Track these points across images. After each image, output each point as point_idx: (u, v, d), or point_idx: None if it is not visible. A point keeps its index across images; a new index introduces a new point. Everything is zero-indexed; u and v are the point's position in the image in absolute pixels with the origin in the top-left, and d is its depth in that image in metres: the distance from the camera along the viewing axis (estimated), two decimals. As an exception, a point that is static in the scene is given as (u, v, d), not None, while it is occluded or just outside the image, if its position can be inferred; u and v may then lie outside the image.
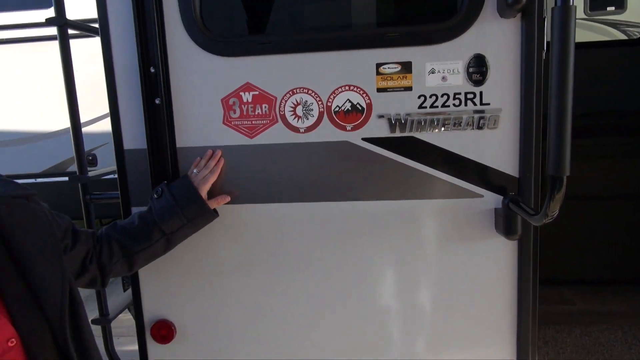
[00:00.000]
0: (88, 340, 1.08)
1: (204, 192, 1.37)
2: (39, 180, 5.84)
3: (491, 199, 1.40)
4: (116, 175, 1.50)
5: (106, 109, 1.41)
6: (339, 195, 1.43)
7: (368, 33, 1.36)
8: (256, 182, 1.45)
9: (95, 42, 1.47)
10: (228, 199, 1.43)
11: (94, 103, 3.20)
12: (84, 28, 1.62)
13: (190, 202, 1.35)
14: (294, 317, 1.53)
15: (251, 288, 1.53)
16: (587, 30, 3.48)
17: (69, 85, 1.55)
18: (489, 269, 1.45)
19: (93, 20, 1.45)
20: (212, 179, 1.40)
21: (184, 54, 1.40)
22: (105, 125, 5.11)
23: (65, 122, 5.56)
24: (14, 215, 1.03)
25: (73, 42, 1.63)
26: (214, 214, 1.40)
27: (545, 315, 1.96)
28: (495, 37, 1.31)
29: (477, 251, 1.43)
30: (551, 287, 2.20)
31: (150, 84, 1.40)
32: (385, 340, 1.53)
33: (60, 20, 1.51)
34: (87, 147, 1.77)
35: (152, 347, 1.58)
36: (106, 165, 6.26)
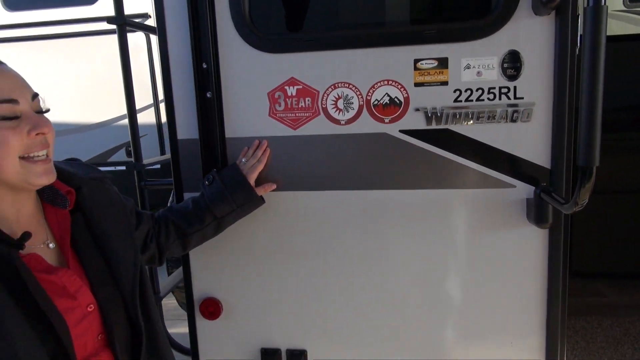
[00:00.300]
0: (153, 311, 1.20)
1: (252, 180, 1.48)
2: (83, 169, 6.12)
3: (523, 189, 1.46)
4: (158, 166, 1.62)
5: (143, 103, 1.53)
6: (376, 183, 1.52)
7: (406, 30, 1.44)
8: (299, 171, 1.55)
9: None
10: (274, 186, 1.54)
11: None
12: (140, 27, 1.75)
13: (240, 189, 1.46)
14: (330, 298, 1.63)
15: (291, 270, 1.63)
16: (626, 23, 3.43)
17: (126, 79, 1.68)
18: (520, 257, 1.51)
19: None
20: (260, 168, 1.51)
21: (234, 51, 1.51)
22: (144, 118, 5.31)
23: (108, 114, 5.81)
24: (93, 195, 1.15)
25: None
26: (261, 200, 1.51)
27: (576, 306, 2.00)
28: (529, 33, 1.36)
29: (509, 239, 1.50)
30: (582, 280, 2.24)
31: (202, 79, 1.51)
32: (418, 324, 1.61)
33: (119, 20, 1.63)
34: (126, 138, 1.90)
35: (201, 322, 1.71)
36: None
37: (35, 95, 0.99)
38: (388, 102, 1.46)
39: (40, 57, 5.86)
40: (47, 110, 1.03)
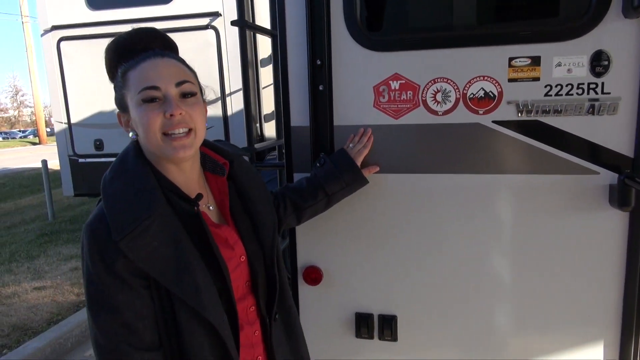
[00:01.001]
0: (282, 268, 1.43)
1: (358, 163, 1.70)
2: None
3: (606, 176, 1.61)
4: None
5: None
6: (469, 168, 1.70)
7: (503, 32, 1.61)
8: (399, 156, 1.75)
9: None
10: (377, 168, 1.75)
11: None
12: (259, 29, 2.00)
13: (348, 170, 1.68)
14: (419, 269, 1.83)
15: (386, 243, 1.84)
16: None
17: (244, 75, 1.93)
18: (602, 239, 1.66)
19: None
20: (365, 152, 1.72)
21: (345, 49, 1.72)
22: (211, 111, 5.65)
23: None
24: (242, 168, 1.39)
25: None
26: (366, 180, 1.72)
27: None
28: (618, 35, 1.51)
29: (591, 222, 1.65)
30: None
31: (316, 74, 1.74)
32: (500, 298, 1.79)
33: (241, 22, 1.88)
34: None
35: (303, 287, 1.95)
36: (113, 149, 6.93)
37: (181, 82, 1.16)
38: (483, 95, 1.64)
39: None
40: (193, 94, 1.19)
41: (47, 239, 6.96)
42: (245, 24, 1.89)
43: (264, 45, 6.04)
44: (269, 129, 5.99)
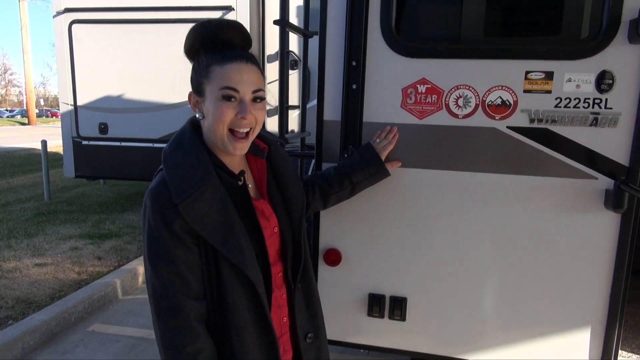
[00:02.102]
0: (305, 242, 1.59)
1: (382, 157, 1.89)
2: (156, 145, 6.69)
3: (603, 181, 1.82)
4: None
5: None
6: (484, 167, 1.90)
7: (522, 47, 1.81)
8: (420, 153, 1.95)
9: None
10: (399, 164, 1.94)
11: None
12: (298, 30, 2.17)
13: (373, 162, 1.87)
14: (429, 256, 2.02)
15: (401, 230, 2.03)
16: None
17: (282, 70, 2.10)
18: (596, 237, 1.87)
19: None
20: (390, 148, 1.91)
21: (379, 53, 1.91)
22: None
23: (179, 97, 6.32)
24: (278, 152, 1.56)
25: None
26: (388, 173, 1.91)
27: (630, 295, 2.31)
28: (623, 57, 1.72)
29: (588, 222, 1.86)
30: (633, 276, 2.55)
31: (350, 73, 1.93)
32: (499, 288, 1.99)
33: (283, 22, 2.06)
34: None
35: (323, 268, 2.13)
36: (117, 133, 7.10)
37: (256, 90, 1.33)
38: (500, 103, 1.85)
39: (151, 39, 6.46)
40: (263, 99, 1.36)
41: (44, 218, 7.02)
42: (286, 24, 2.06)
43: (271, 42, 6.21)
44: (271, 124, 6.16)
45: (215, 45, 1.33)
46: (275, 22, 2.06)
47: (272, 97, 1.47)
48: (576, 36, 1.83)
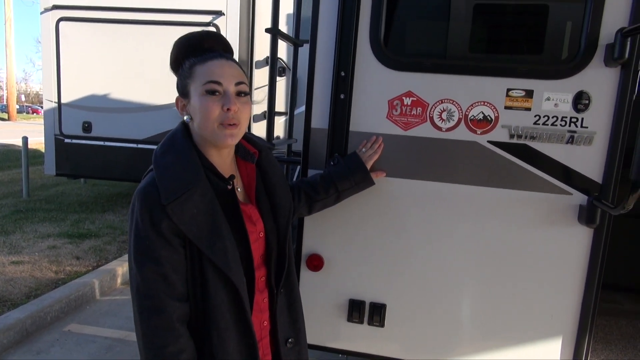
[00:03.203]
0: (290, 248, 1.62)
1: (368, 166, 1.94)
2: (140, 145, 6.65)
3: (577, 197, 1.90)
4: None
5: None
6: (464, 179, 1.96)
7: (505, 66, 1.89)
8: (404, 163, 2.00)
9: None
10: (384, 174, 1.99)
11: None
12: (289, 39, 2.22)
13: (359, 171, 1.91)
14: (408, 264, 2.07)
15: (382, 239, 2.08)
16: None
17: (272, 77, 2.14)
18: (568, 250, 1.94)
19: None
20: (375, 158, 1.96)
21: (367, 65, 1.97)
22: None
23: (166, 99, 6.31)
24: (268, 158, 1.60)
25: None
26: (373, 182, 1.96)
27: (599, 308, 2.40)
28: (599, 79, 1.81)
29: (561, 235, 1.93)
30: (603, 290, 2.65)
31: (339, 83, 1.98)
32: (475, 297, 2.05)
33: (274, 30, 2.11)
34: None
35: (305, 273, 2.17)
36: (101, 132, 7.17)
37: (239, 83, 1.38)
38: (482, 118, 1.91)
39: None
40: (246, 94, 1.40)
41: (22, 215, 6.91)
42: (277, 32, 2.11)
43: (260, 49, 6.25)
44: (259, 129, 6.19)
45: (198, 51, 1.38)
46: (267, 30, 2.10)
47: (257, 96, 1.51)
48: (556, 57, 1.91)
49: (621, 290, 3.08)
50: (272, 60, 2.14)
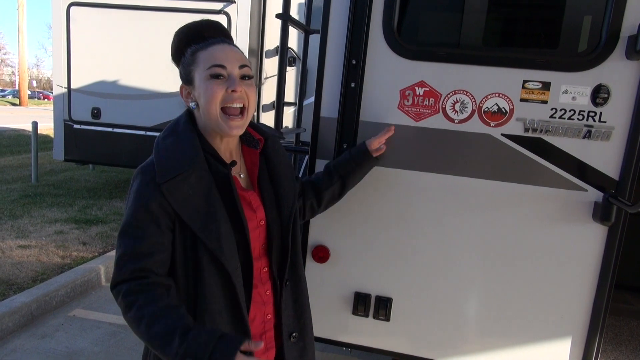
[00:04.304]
0: (297, 241, 1.58)
1: (371, 147, 1.85)
2: (148, 133, 6.64)
3: (592, 194, 1.84)
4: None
5: None
6: (476, 173, 1.91)
7: (521, 56, 1.83)
8: (414, 155, 1.95)
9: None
10: (384, 148, 1.90)
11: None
12: (300, 25, 2.17)
13: (359, 151, 1.83)
14: (415, 258, 2.03)
15: (389, 231, 2.04)
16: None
17: (282, 65, 2.10)
18: (582, 248, 1.89)
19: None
20: (380, 140, 1.89)
21: (379, 53, 1.92)
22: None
23: (176, 87, 6.30)
24: (275, 146, 1.56)
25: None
26: (375, 160, 1.87)
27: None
28: (619, 72, 1.74)
29: (575, 232, 1.88)
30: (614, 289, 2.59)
31: (350, 72, 1.93)
32: (482, 289, 2.01)
33: (285, 16, 2.06)
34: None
35: (310, 264, 2.13)
36: (110, 119, 7.15)
37: (242, 66, 1.36)
38: (496, 110, 1.86)
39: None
40: (250, 77, 1.39)
41: (30, 200, 6.94)
42: (288, 18, 2.06)
43: (270, 37, 6.19)
44: (267, 119, 6.16)
45: (199, 39, 1.38)
46: (277, 16, 2.05)
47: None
48: (574, 49, 1.85)
49: (632, 290, 3.02)
50: (282, 47, 2.09)
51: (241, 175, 1.49)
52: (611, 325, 2.57)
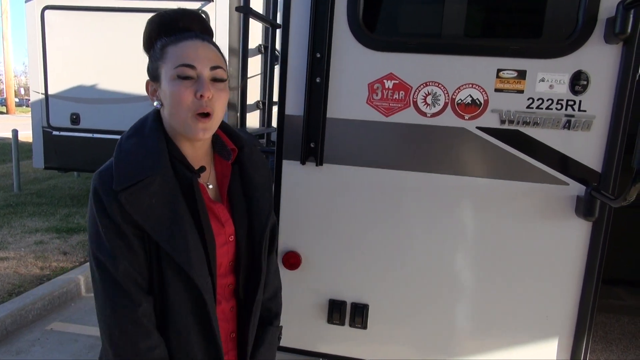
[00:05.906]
0: (273, 260, 1.48)
1: None
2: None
3: (575, 187, 1.74)
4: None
5: None
6: (452, 169, 1.80)
7: (495, 44, 1.72)
8: (386, 152, 1.84)
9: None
10: None
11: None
12: (262, 18, 2.05)
13: None
14: (392, 262, 1.92)
15: (363, 235, 1.92)
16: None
17: (244, 63, 1.98)
18: (565, 245, 1.78)
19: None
20: None
21: (344, 45, 1.80)
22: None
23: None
24: (252, 155, 1.43)
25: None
26: None
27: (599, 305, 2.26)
28: (598, 58, 1.64)
29: (557, 229, 1.78)
30: (604, 285, 2.51)
31: (314, 66, 1.81)
32: (465, 291, 1.90)
33: (246, 9, 1.94)
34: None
35: (282, 272, 2.00)
36: (90, 124, 6.99)
37: (215, 67, 1.22)
38: (470, 102, 1.75)
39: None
40: (223, 80, 1.25)
41: (11, 210, 6.78)
42: (249, 11, 1.94)
43: (254, 36, 6.05)
44: (252, 119, 6.01)
45: (172, 31, 1.23)
46: (237, 9, 1.93)
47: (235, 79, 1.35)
48: (551, 34, 1.74)
49: (622, 284, 2.92)
50: (244, 41, 1.97)
51: (209, 186, 1.36)
52: (601, 323, 2.47)
